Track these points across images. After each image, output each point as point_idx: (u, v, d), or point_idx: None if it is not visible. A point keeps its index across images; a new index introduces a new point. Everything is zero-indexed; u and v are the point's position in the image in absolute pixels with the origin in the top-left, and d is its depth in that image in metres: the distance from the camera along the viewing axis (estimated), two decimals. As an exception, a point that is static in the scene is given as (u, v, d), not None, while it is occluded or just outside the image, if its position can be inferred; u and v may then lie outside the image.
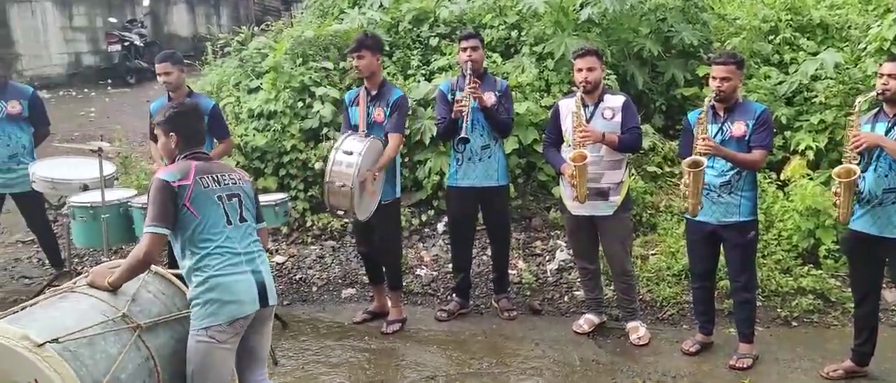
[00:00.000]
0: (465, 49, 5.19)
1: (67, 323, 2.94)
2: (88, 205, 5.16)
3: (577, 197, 4.82)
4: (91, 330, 2.96)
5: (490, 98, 5.18)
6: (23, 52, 13.56)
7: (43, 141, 6.15)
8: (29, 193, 5.76)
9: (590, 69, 4.80)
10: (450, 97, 5.26)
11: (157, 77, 5.42)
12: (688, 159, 4.39)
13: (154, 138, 5.43)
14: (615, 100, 4.93)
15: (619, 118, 4.86)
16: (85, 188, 5.36)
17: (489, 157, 5.26)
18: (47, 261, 6.43)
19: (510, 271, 5.81)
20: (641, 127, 5.21)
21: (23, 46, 13.56)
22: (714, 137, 4.45)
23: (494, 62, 6.89)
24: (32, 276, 6.55)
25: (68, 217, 5.47)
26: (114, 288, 3.22)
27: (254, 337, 3.38)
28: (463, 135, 5.02)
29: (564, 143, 4.97)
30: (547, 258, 6.25)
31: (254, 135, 6.87)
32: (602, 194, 4.89)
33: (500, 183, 5.35)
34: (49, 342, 2.75)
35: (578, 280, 5.61)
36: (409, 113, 6.04)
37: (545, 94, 6.73)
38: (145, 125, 7.07)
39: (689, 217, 4.68)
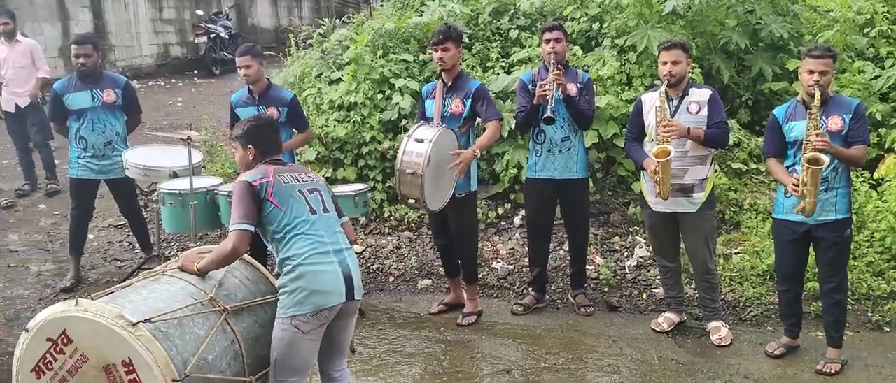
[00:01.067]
0: (548, 41, 5.15)
1: (159, 304, 3.06)
2: (177, 191, 5.33)
3: (659, 193, 4.73)
4: (181, 311, 3.06)
5: (572, 88, 5.14)
6: (115, 44, 14.11)
7: (135, 128, 6.38)
8: (122, 179, 5.99)
9: (675, 62, 4.69)
10: (531, 88, 5.22)
11: (238, 70, 5.55)
12: (807, 155, 4.22)
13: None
14: (701, 94, 4.80)
15: (704, 112, 4.74)
16: (174, 175, 5.55)
17: (569, 149, 5.21)
18: (137, 245, 6.67)
19: (588, 267, 5.75)
20: (727, 122, 5.06)
21: (116, 37, 14.12)
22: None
23: (575, 55, 6.81)
24: (124, 259, 6.82)
25: (158, 203, 5.67)
26: (202, 274, 3.33)
27: (338, 329, 3.43)
28: (548, 113, 4.95)
29: (647, 138, 4.88)
30: (625, 254, 6.16)
31: (334, 125, 6.98)
32: (686, 190, 4.78)
33: (579, 176, 5.29)
34: (142, 322, 2.86)
35: (658, 277, 5.51)
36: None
37: (627, 88, 6.61)
38: (227, 115, 7.28)
39: (780, 217, 4.53)
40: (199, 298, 3.20)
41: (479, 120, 5.17)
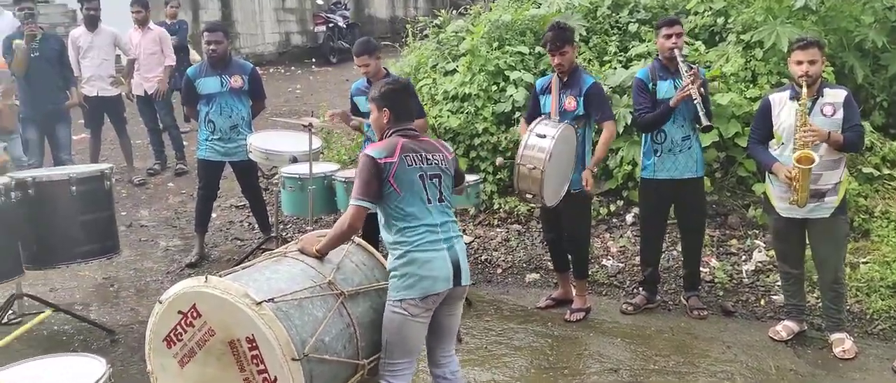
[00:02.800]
0: (668, 36, 5.02)
1: (281, 285, 3.17)
2: (297, 176, 5.52)
3: (795, 201, 4.51)
4: (301, 293, 3.17)
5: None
6: (241, 32, 14.72)
7: (259, 114, 6.65)
8: (245, 162, 6.25)
9: (811, 62, 4.46)
10: (650, 86, 5.11)
11: (357, 67, 5.64)
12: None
13: (354, 113, 5.73)
14: (835, 95, 4.56)
15: (840, 115, 4.50)
16: (294, 160, 5.74)
17: (689, 148, 5.07)
18: (257, 225, 6.96)
19: (702, 269, 5.58)
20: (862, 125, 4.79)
21: (241, 25, 14.72)
22: None
23: (696, 50, 6.60)
24: (243, 239, 7.12)
25: (278, 186, 5.89)
26: (321, 256, 3.43)
27: (445, 314, 3.47)
28: (705, 122, 4.87)
29: (774, 140, 4.67)
30: (743, 258, 5.94)
31: (448, 116, 7.04)
32: (818, 195, 4.54)
33: (697, 174, 5.15)
34: (266, 301, 2.98)
35: (778, 284, 5.28)
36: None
37: (751, 85, 6.36)
38: (345, 103, 7.46)
39: None
40: (318, 281, 3.30)
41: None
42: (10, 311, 5.10)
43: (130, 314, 5.55)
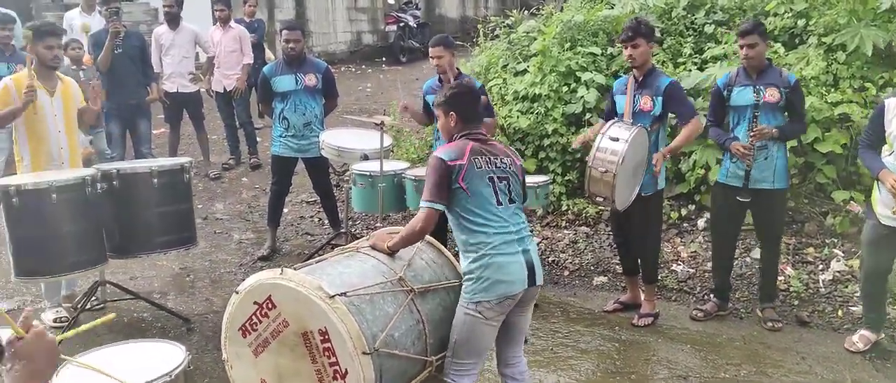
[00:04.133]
0: (741, 46, 4.92)
1: (354, 279, 3.23)
2: (368, 173, 5.60)
3: None
4: (372, 288, 3.22)
5: (774, 93, 4.87)
6: (314, 30, 14.98)
7: (331, 111, 6.77)
8: (317, 158, 6.37)
9: None
10: (725, 93, 5.01)
11: (430, 59, 5.72)
12: None
13: (425, 112, 5.79)
14: None
15: None
16: (365, 158, 5.82)
17: (765, 158, 4.92)
18: (327, 221, 7.08)
19: (778, 277, 5.44)
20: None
21: (314, 24, 14.99)
22: None
23: (775, 52, 6.43)
24: (314, 234, 7.26)
25: (349, 182, 5.98)
26: (392, 253, 3.48)
27: (517, 315, 3.47)
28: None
29: (886, 146, 4.49)
30: (820, 267, 5.76)
31: (517, 116, 7.04)
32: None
33: (776, 186, 4.99)
34: (339, 295, 3.04)
35: (857, 294, 5.11)
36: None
37: (832, 90, 6.16)
38: (415, 102, 7.52)
39: None
40: (389, 277, 3.34)
41: (671, 117, 5.03)
42: (94, 297, 5.32)
43: (205, 304, 5.72)
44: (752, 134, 4.83)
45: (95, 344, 3.27)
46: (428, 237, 3.69)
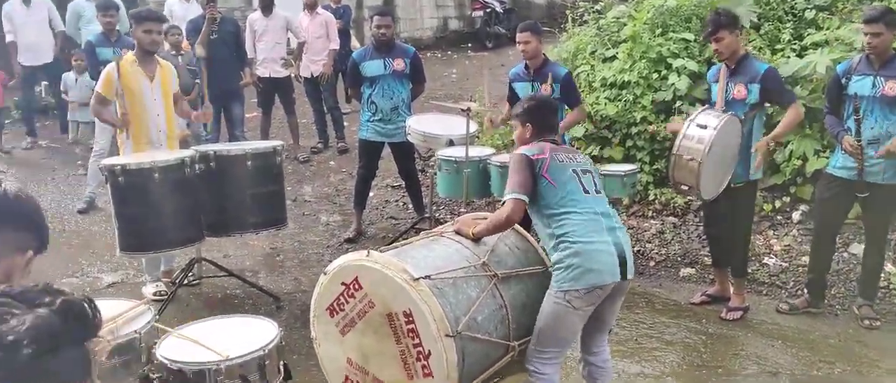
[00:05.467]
0: (865, 34, 4.67)
1: (438, 263, 3.27)
2: (453, 159, 5.64)
3: None
4: (456, 272, 3.26)
5: (893, 88, 4.63)
6: (401, 16, 15.10)
7: (418, 96, 6.84)
8: (404, 143, 6.45)
9: None
10: (843, 81, 4.80)
11: (517, 45, 5.70)
12: None
13: (510, 101, 5.79)
14: None
15: None
16: (450, 143, 5.86)
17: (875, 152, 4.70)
18: (411, 206, 7.17)
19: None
20: None
21: (401, 10, 15.11)
22: None
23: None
24: (398, 218, 7.36)
25: (434, 168, 6.03)
26: (476, 239, 3.50)
27: (606, 307, 3.44)
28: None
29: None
30: (924, 265, 5.49)
31: (605, 103, 6.95)
32: None
33: (891, 181, 4.71)
34: (423, 277, 3.08)
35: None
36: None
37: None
38: (500, 88, 7.52)
39: None
40: (473, 262, 3.37)
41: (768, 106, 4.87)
42: (191, 274, 5.55)
43: (294, 283, 5.89)
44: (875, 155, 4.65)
45: (194, 317, 3.43)
46: (512, 223, 3.70)
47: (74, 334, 0.96)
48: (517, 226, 3.71)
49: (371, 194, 7.39)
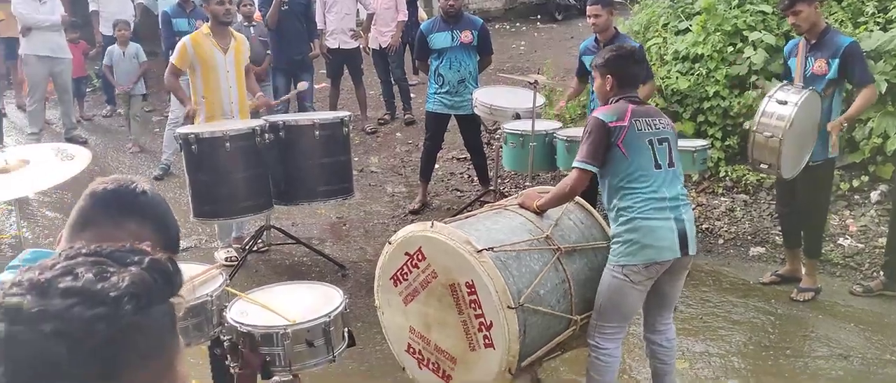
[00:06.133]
0: None
1: (501, 236, 3.28)
2: (519, 132, 5.61)
3: None
4: (519, 245, 3.26)
5: None
6: (469, -13, 15.01)
7: (486, 68, 6.81)
8: (470, 116, 6.45)
9: None
10: None
11: (587, 17, 5.61)
12: None
13: (579, 76, 5.72)
14: None
15: None
16: (517, 116, 5.84)
17: None
18: (476, 178, 7.18)
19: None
20: None
21: (470, -19, 15.01)
22: None
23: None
24: (463, 190, 7.39)
25: (500, 141, 6.02)
26: (540, 212, 3.49)
27: (668, 282, 3.40)
28: None
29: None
30: None
31: (676, 78, 6.79)
32: None
33: None
34: (486, 249, 3.10)
35: None
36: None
37: None
38: (569, 61, 7.43)
39: None
40: (536, 235, 3.37)
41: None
42: (260, 240, 5.70)
43: (359, 252, 5.99)
44: None
45: (264, 282, 3.54)
46: (577, 198, 3.68)
47: (164, 291, 1.01)
48: (582, 201, 3.69)
49: (436, 166, 7.42)
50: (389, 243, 3.38)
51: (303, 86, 6.18)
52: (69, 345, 0.90)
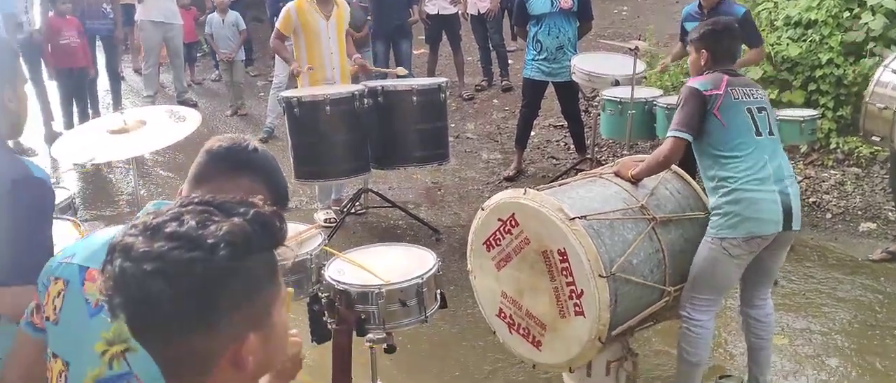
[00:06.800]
0: None
1: (594, 204, 3.26)
2: (618, 99, 5.52)
3: None
4: (613, 214, 3.23)
5: None
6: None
7: (585, 34, 6.70)
8: (567, 83, 6.38)
9: None
10: None
11: None
12: None
13: (683, 40, 5.56)
14: None
15: None
16: (616, 83, 5.74)
17: None
18: (573, 146, 7.12)
19: None
20: None
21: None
22: None
23: None
24: (559, 158, 7.34)
25: (598, 108, 5.95)
26: (635, 181, 3.45)
27: (768, 257, 3.30)
28: None
29: None
30: None
31: (787, 44, 6.50)
32: None
33: None
34: (578, 217, 3.09)
35: None
36: None
37: None
38: (673, 26, 7.21)
39: None
40: (631, 204, 3.33)
41: None
42: (358, 203, 5.85)
43: (453, 217, 6.07)
44: None
45: (359, 243, 3.65)
46: (674, 167, 3.61)
47: (264, 241, 1.09)
48: (679, 170, 3.62)
49: (533, 133, 7.39)
50: (482, 209, 3.41)
51: (402, 71, 6.25)
52: (168, 283, 1.02)
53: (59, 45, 7.75)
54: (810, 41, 6.38)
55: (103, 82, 9.13)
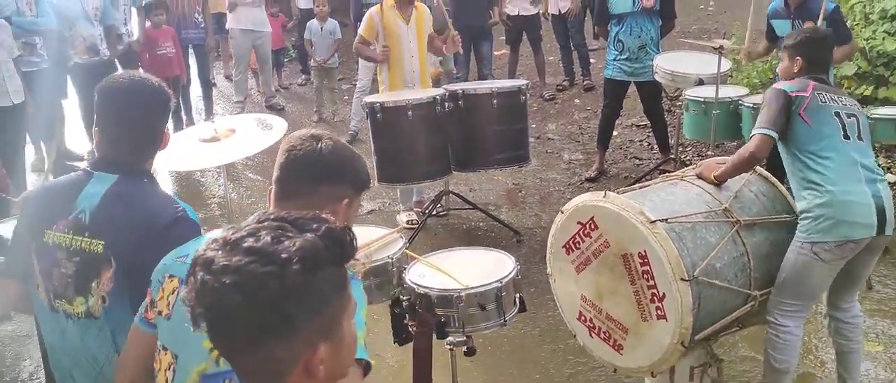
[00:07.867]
0: None
1: (676, 207, 3.23)
2: (702, 99, 5.42)
3: None
4: (695, 217, 3.19)
5: None
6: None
7: (668, 33, 6.59)
8: (650, 82, 6.29)
9: None
10: None
11: None
12: None
13: (769, 39, 5.41)
14: None
15: None
16: (700, 83, 5.63)
17: None
18: (656, 146, 7.01)
19: None
20: None
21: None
22: None
23: None
24: (642, 158, 7.24)
25: (682, 108, 5.84)
26: (719, 182, 3.39)
27: (860, 263, 3.21)
28: None
29: None
30: None
31: (882, 38, 6.24)
32: None
33: None
34: (660, 220, 3.06)
35: None
36: None
37: None
38: (760, 22, 6.99)
39: None
40: (714, 207, 3.27)
41: None
42: (439, 205, 5.92)
43: (534, 219, 6.07)
44: None
45: (440, 246, 3.72)
46: (759, 169, 3.54)
47: (334, 256, 1.16)
48: (765, 172, 3.54)
49: (615, 133, 7.31)
50: (561, 212, 3.41)
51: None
52: (244, 296, 1.09)
53: (156, 55, 8.11)
54: (908, 35, 6.11)
55: (195, 89, 9.51)
